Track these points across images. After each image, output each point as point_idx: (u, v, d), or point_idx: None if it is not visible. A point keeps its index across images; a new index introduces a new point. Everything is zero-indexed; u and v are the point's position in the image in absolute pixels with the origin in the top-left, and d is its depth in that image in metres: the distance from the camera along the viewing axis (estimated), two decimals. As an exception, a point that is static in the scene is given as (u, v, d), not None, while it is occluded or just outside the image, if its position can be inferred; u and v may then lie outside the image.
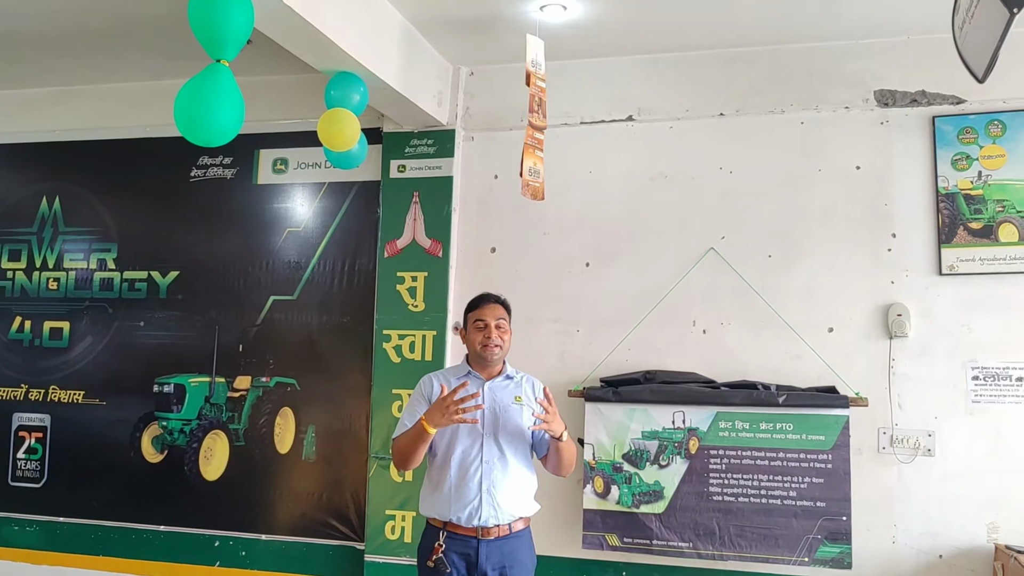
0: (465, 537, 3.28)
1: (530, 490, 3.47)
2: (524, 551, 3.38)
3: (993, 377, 4.27)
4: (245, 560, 5.19)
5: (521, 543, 3.38)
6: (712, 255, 4.65)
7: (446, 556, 3.25)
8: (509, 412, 3.40)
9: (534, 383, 3.54)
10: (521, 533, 3.39)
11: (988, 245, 4.32)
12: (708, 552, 4.30)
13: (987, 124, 4.38)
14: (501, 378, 3.49)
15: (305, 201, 5.35)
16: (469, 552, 3.27)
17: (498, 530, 3.29)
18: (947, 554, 4.24)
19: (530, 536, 3.46)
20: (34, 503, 5.61)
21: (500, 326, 3.43)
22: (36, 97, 5.91)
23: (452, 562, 3.25)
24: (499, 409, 3.39)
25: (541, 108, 3.99)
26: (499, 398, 3.42)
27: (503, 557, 3.29)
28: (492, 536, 3.28)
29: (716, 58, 4.78)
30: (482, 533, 3.27)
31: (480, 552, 3.26)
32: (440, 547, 3.26)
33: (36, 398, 5.70)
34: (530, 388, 3.51)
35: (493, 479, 3.30)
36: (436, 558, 3.25)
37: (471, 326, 3.48)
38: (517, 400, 3.43)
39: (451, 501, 3.30)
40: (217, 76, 3.00)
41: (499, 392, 3.45)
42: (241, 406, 5.30)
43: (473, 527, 3.27)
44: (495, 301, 3.50)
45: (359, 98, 4.17)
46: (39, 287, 5.81)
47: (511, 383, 3.50)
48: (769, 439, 4.29)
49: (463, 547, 3.27)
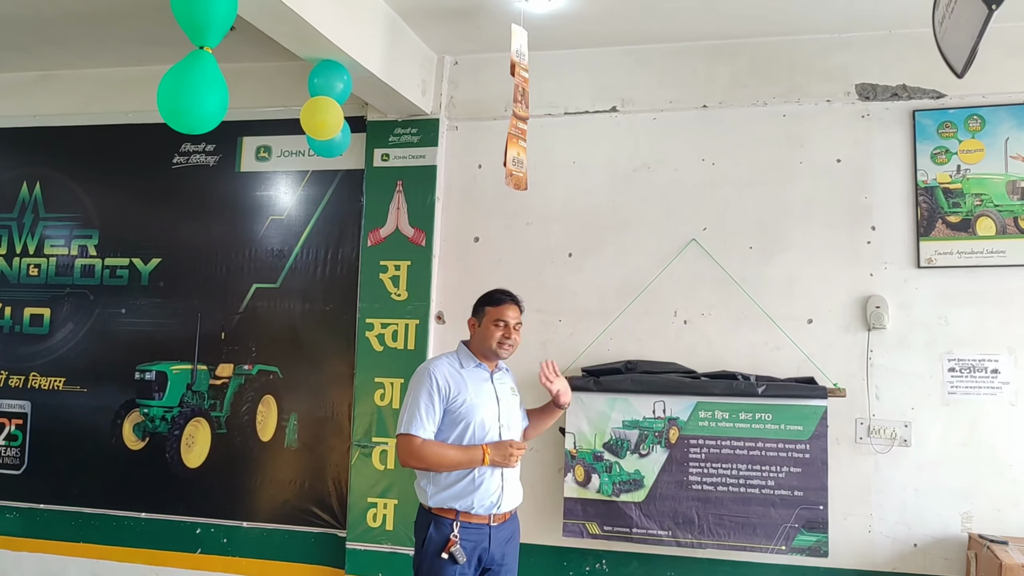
0: (479, 525, 3.38)
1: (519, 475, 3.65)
2: (518, 529, 3.64)
3: (969, 369, 4.33)
4: (227, 547, 5.20)
5: (516, 522, 3.62)
6: (694, 246, 4.68)
7: (463, 546, 3.32)
8: (511, 402, 3.60)
9: (511, 374, 3.77)
10: (515, 514, 3.61)
11: (966, 238, 4.36)
12: (687, 540, 4.34)
13: (966, 119, 4.42)
14: (498, 370, 3.65)
15: (288, 189, 5.34)
16: (482, 539, 3.38)
17: (504, 516, 3.48)
18: (922, 543, 4.30)
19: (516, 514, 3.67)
20: (14, 490, 5.59)
21: (517, 328, 3.57)
22: (17, 81, 5.86)
23: (466, 549, 3.32)
24: (505, 399, 3.56)
25: (524, 98, 3.99)
26: (502, 390, 3.59)
27: (507, 539, 3.50)
28: (500, 521, 3.45)
29: (700, 50, 4.80)
30: (493, 519, 3.41)
31: (491, 538, 3.40)
32: (455, 539, 3.31)
33: (16, 384, 5.68)
34: (510, 378, 3.73)
35: (509, 469, 3.47)
36: (453, 549, 3.29)
37: (490, 322, 3.52)
38: (512, 391, 3.65)
39: (476, 492, 3.36)
40: (200, 63, 2.99)
41: (501, 384, 3.61)
42: (223, 394, 5.29)
43: (487, 515, 3.39)
44: (515, 302, 3.61)
45: (342, 86, 4.16)
46: (19, 273, 5.77)
47: (506, 375, 3.72)
48: (748, 429, 4.33)
49: (477, 535, 3.36)
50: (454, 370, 3.47)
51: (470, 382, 3.45)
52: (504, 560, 3.47)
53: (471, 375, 3.49)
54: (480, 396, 3.44)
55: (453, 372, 3.46)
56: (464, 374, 3.47)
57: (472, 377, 3.48)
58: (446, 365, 3.49)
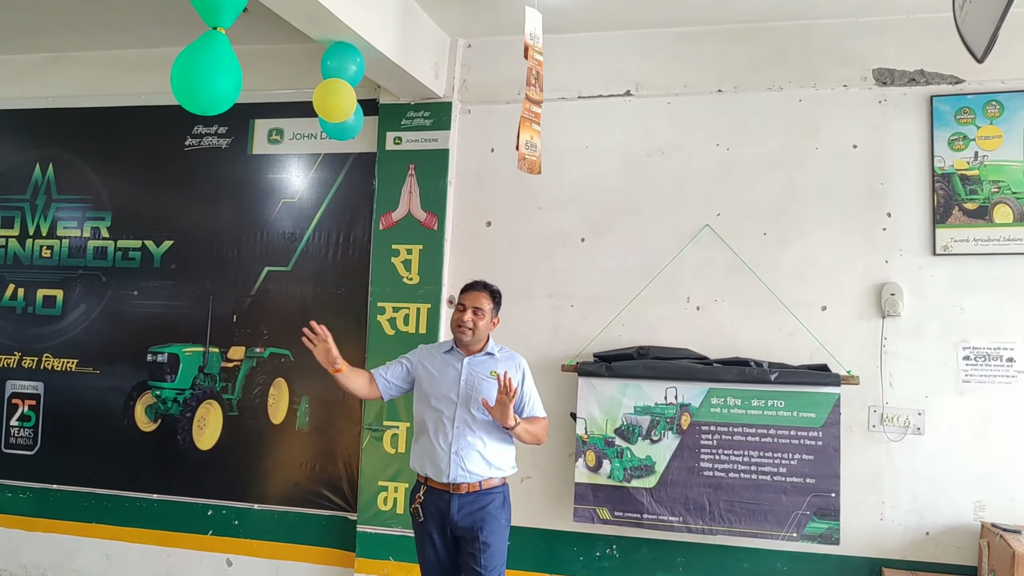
0: (439, 491, 3.65)
1: (500, 455, 3.73)
2: (495, 505, 3.68)
3: (984, 357, 4.30)
4: (238, 529, 5.22)
5: (493, 498, 3.68)
6: (707, 232, 4.65)
7: (423, 506, 3.67)
8: (483, 385, 3.69)
9: (515, 361, 3.82)
10: (493, 491, 3.69)
11: (983, 226, 4.33)
12: (698, 527, 4.34)
13: (985, 104, 4.37)
14: (481, 355, 3.79)
15: (300, 172, 5.33)
16: (442, 504, 3.64)
17: (468, 487, 3.63)
18: (934, 531, 4.29)
19: (505, 494, 3.75)
20: (28, 470, 5.63)
21: (476, 312, 3.73)
22: (29, 63, 5.86)
23: (428, 511, 3.66)
24: (475, 381, 3.70)
25: (538, 82, 3.96)
26: (476, 372, 3.73)
27: (474, 511, 3.62)
28: (463, 491, 3.63)
29: (715, 34, 4.76)
30: (453, 488, 3.62)
31: (452, 505, 3.62)
32: (419, 499, 3.69)
33: (29, 366, 5.71)
34: (510, 365, 3.76)
35: (462, 444, 3.63)
36: (414, 507, 3.71)
37: (456, 307, 3.81)
38: (492, 375, 3.70)
39: (426, 460, 3.69)
40: (214, 43, 2.97)
41: (477, 367, 3.75)
42: (235, 376, 5.31)
43: (445, 483, 3.62)
44: (481, 288, 3.81)
45: (355, 69, 4.14)
46: (32, 255, 5.79)
47: (490, 360, 3.78)
48: (760, 416, 4.32)
49: (438, 499, 3.65)
50: (435, 350, 3.90)
51: (439, 361, 3.79)
52: (475, 533, 3.60)
53: (444, 357, 3.81)
54: (445, 373, 3.74)
55: (431, 352, 3.87)
56: (439, 355, 3.82)
57: (444, 358, 3.80)
58: (430, 347, 3.96)
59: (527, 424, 3.69)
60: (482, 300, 3.75)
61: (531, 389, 3.83)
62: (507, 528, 3.74)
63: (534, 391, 3.85)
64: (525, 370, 3.82)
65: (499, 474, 3.71)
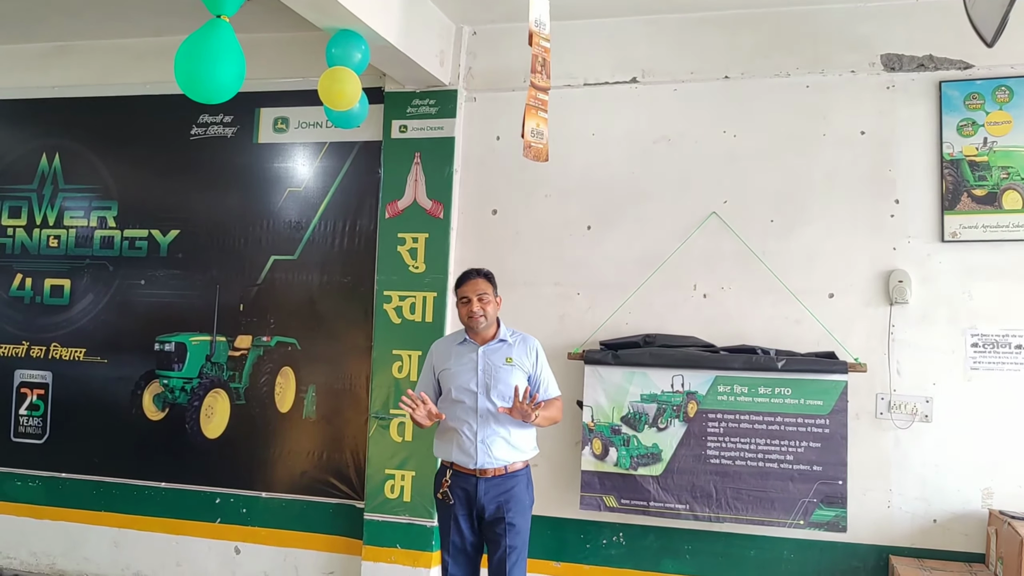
0: (466, 475, 3.74)
1: (523, 439, 3.81)
2: (520, 488, 3.77)
3: (992, 344, 4.28)
4: (246, 517, 5.24)
5: (518, 481, 3.77)
6: (714, 219, 4.64)
7: (451, 490, 3.75)
8: (500, 372, 3.76)
9: (528, 344, 3.88)
10: (518, 473, 3.78)
11: (991, 212, 4.30)
12: (704, 514, 4.34)
13: (994, 90, 4.34)
14: (495, 342, 3.83)
15: (306, 161, 5.32)
16: (469, 488, 3.73)
17: (495, 471, 3.72)
18: (941, 519, 4.28)
19: (528, 476, 3.83)
20: (37, 459, 5.66)
21: (482, 299, 3.77)
22: (34, 52, 5.86)
23: (456, 494, 3.74)
24: (492, 370, 3.77)
25: (545, 68, 3.93)
26: (492, 360, 3.79)
27: (500, 493, 3.71)
28: (490, 475, 3.72)
29: (721, 20, 4.73)
30: (480, 473, 3.71)
31: (479, 488, 3.71)
32: (446, 483, 3.76)
33: (37, 355, 5.73)
34: (523, 349, 3.85)
35: (487, 431, 3.71)
36: (443, 491, 3.77)
37: (458, 303, 3.84)
38: (508, 361, 3.78)
39: (453, 448, 3.77)
40: (218, 31, 2.97)
41: (492, 355, 3.80)
42: (242, 365, 5.32)
43: (472, 469, 3.71)
44: (476, 276, 3.83)
45: (360, 56, 4.12)
46: (39, 244, 5.80)
47: (504, 345, 3.83)
48: (767, 403, 4.31)
49: (465, 483, 3.74)
50: (446, 346, 3.93)
51: (454, 355, 3.85)
52: (501, 514, 3.69)
53: (458, 349, 3.86)
54: (460, 366, 3.80)
55: (446, 345, 3.94)
56: (453, 348, 3.87)
57: (458, 351, 3.85)
58: (444, 340, 4.03)
59: (544, 411, 3.72)
60: (481, 286, 3.78)
61: (545, 370, 3.88)
62: (531, 508, 3.82)
63: (548, 371, 3.90)
64: (539, 351, 3.87)
65: (523, 457, 3.79)
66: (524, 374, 3.79)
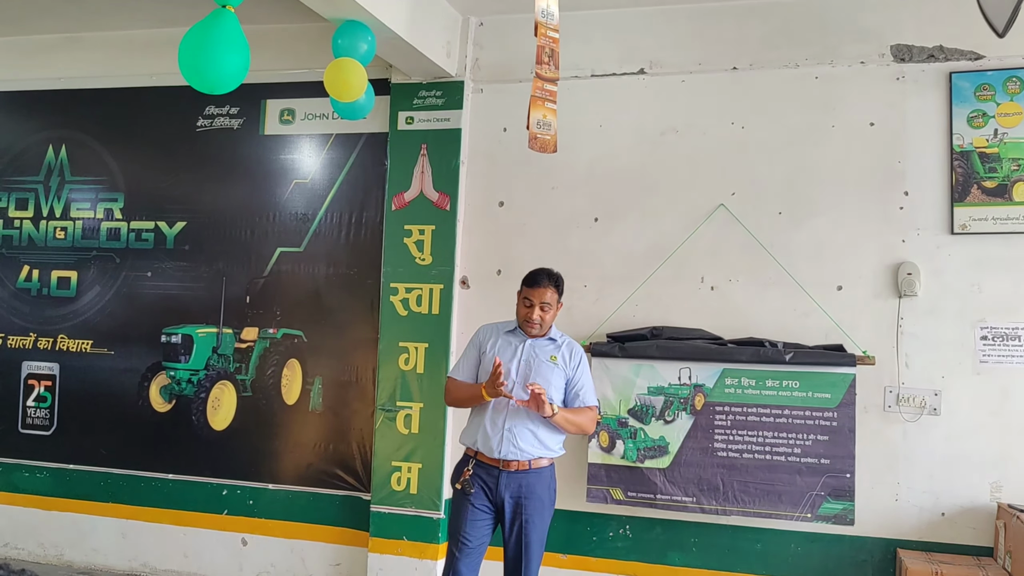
0: (489, 466, 3.69)
1: (552, 436, 3.74)
2: (541, 486, 3.71)
3: (1002, 337, 4.25)
4: (252, 509, 5.25)
5: (540, 478, 3.71)
6: (722, 211, 4.61)
7: (473, 479, 3.69)
8: (542, 367, 3.73)
9: (573, 348, 3.84)
10: (541, 470, 3.72)
11: (1002, 204, 4.27)
12: (711, 507, 4.33)
13: (1005, 81, 4.30)
14: (544, 339, 3.82)
15: (312, 152, 5.31)
16: (491, 479, 3.68)
17: (518, 464, 3.66)
18: (950, 512, 4.26)
19: (551, 474, 3.78)
20: (44, 450, 5.67)
21: (544, 308, 3.73)
22: (40, 43, 5.85)
23: (477, 484, 3.68)
24: (534, 362, 3.74)
25: (553, 59, 3.91)
26: (537, 353, 3.77)
27: (520, 487, 3.66)
28: (512, 468, 3.66)
29: (730, 10, 4.70)
30: (503, 465, 3.66)
31: (500, 480, 3.66)
32: (468, 472, 3.71)
33: (44, 347, 5.74)
34: (568, 352, 3.81)
35: (515, 422, 3.66)
36: (464, 480, 3.71)
37: (521, 299, 3.80)
38: (552, 359, 3.75)
39: (479, 434, 3.72)
40: (222, 21, 2.95)
41: (539, 349, 3.78)
42: (248, 357, 5.32)
43: (496, 459, 3.66)
44: (548, 283, 3.76)
45: (366, 48, 4.11)
46: (46, 236, 5.81)
47: (551, 344, 3.81)
48: (775, 396, 4.29)
49: (487, 474, 3.69)
50: (495, 330, 3.88)
51: (501, 340, 3.81)
52: (520, 510, 3.65)
53: (506, 337, 3.82)
54: (504, 352, 3.75)
55: (493, 331, 3.87)
56: (501, 335, 3.84)
57: (506, 338, 3.82)
58: (494, 326, 3.93)
59: (569, 414, 3.70)
60: (548, 294, 3.73)
61: (584, 376, 3.81)
62: (551, 507, 3.77)
63: (587, 379, 3.83)
64: (583, 359, 3.82)
65: (549, 454, 3.73)
66: (564, 376, 3.75)
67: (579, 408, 3.77)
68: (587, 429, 3.85)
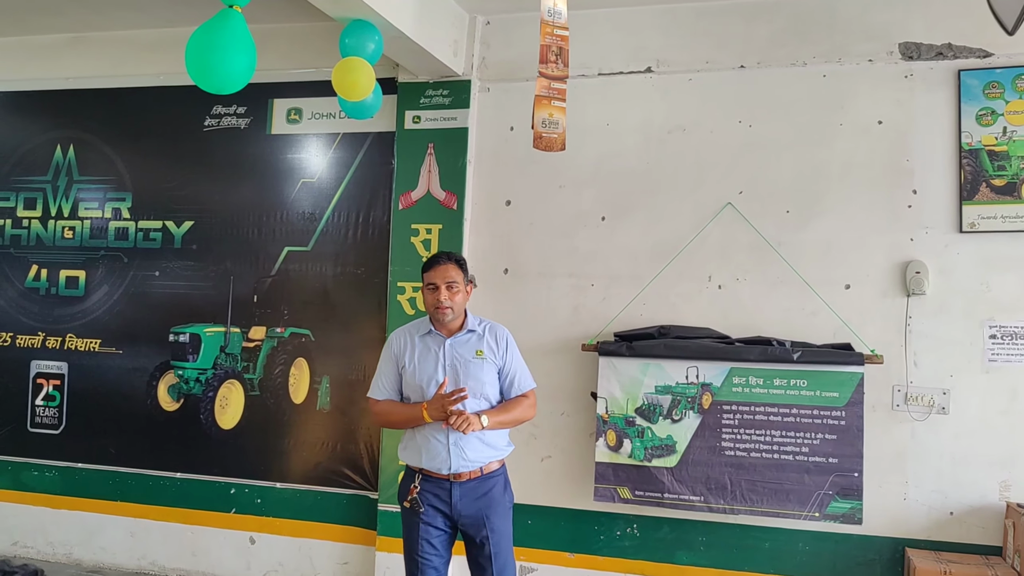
0: (439, 480, 3.45)
1: (497, 436, 3.53)
2: (498, 490, 3.52)
3: (1011, 336, 4.24)
4: (260, 507, 5.26)
5: (495, 483, 3.51)
6: (729, 210, 4.60)
7: (422, 496, 3.44)
8: (470, 367, 3.48)
9: (497, 333, 3.60)
10: (495, 474, 3.52)
11: (1011, 203, 4.25)
12: (719, 506, 4.32)
13: (1014, 78, 4.29)
14: (462, 333, 3.55)
15: (319, 152, 5.32)
16: (443, 492, 3.44)
17: (470, 474, 3.45)
18: (958, 511, 4.25)
19: (504, 476, 3.58)
20: (53, 449, 5.69)
21: (451, 287, 3.47)
22: (48, 44, 5.87)
23: (428, 501, 3.44)
24: (460, 364, 3.48)
25: (562, 57, 3.90)
26: (460, 353, 3.51)
27: (478, 498, 3.45)
28: (465, 479, 3.44)
29: (737, 9, 4.69)
30: (454, 477, 3.44)
31: (454, 494, 3.44)
32: (415, 488, 3.45)
33: (53, 346, 5.75)
34: (492, 339, 3.57)
35: (459, 434, 3.38)
36: (411, 498, 3.44)
37: (424, 288, 3.55)
38: (478, 354, 3.51)
39: (423, 452, 3.45)
40: (229, 21, 2.96)
41: (460, 347, 3.52)
42: (256, 356, 5.33)
43: (445, 474, 3.43)
44: (447, 261, 3.53)
45: (374, 47, 4.11)
46: (54, 236, 5.83)
47: (473, 336, 3.56)
48: (783, 395, 4.28)
49: (438, 488, 3.45)
50: (408, 336, 3.59)
51: (418, 348, 3.53)
52: (479, 519, 3.44)
53: (421, 342, 3.55)
54: (426, 361, 3.50)
55: (407, 338, 3.58)
56: (416, 340, 3.55)
57: (421, 344, 3.54)
58: (405, 331, 3.64)
59: (501, 415, 3.47)
60: (451, 272, 3.48)
61: (516, 361, 3.59)
62: (511, 509, 3.59)
63: (518, 363, 3.60)
64: (509, 341, 3.59)
65: (498, 455, 3.53)
66: (495, 368, 3.52)
67: (510, 402, 3.54)
68: (527, 417, 3.60)
